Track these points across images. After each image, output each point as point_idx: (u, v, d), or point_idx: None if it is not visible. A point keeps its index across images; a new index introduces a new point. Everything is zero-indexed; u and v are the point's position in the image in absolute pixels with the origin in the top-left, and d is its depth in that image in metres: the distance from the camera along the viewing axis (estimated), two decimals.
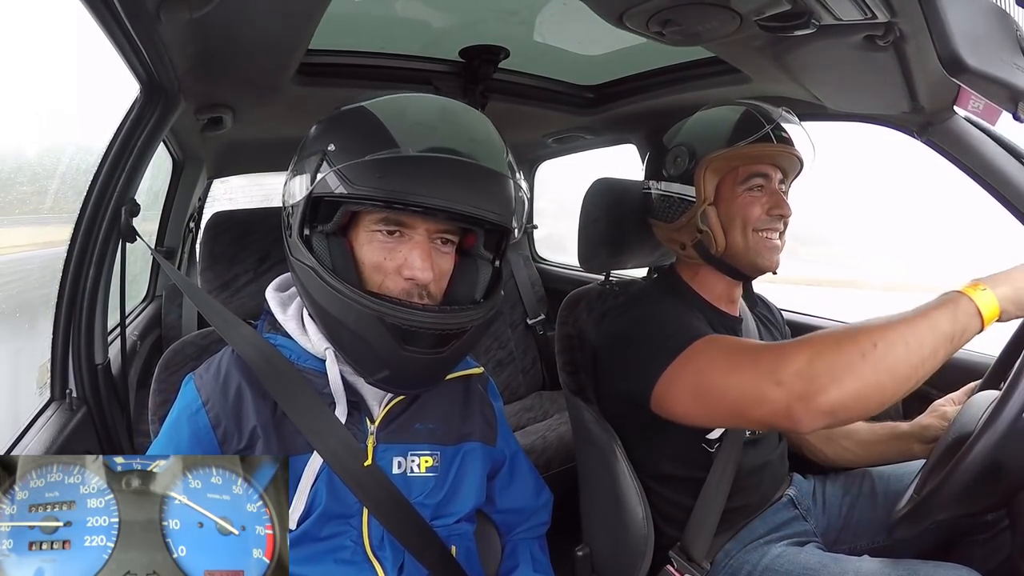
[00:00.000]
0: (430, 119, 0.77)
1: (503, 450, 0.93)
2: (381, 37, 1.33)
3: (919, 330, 0.72)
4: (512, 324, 2.33)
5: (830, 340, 0.75)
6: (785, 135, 1.06)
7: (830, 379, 0.72)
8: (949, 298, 0.74)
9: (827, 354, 0.73)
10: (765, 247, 1.06)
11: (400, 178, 0.69)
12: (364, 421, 0.79)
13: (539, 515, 0.97)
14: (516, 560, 0.93)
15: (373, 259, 0.74)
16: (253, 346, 0.79)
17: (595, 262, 1.27)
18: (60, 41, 1.12)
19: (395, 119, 0.74)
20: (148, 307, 2.08)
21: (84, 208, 1.12)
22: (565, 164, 2.68)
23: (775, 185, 1.07)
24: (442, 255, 0.76)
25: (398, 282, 0.73)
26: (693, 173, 1.07)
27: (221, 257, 0.97)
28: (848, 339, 0.73)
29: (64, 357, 1.16)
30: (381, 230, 0.73)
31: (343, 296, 0.71)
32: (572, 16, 1.15)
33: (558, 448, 1.82)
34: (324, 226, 0.74)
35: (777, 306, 1.30)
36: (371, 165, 0.69)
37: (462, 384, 0.90)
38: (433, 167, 0.70)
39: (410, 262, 0.72)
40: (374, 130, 0.72)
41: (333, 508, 0.75)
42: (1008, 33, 0.64)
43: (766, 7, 0.78)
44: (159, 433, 0.79)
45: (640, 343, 0.97)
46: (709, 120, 1.13)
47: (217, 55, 1.04)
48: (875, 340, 0.72)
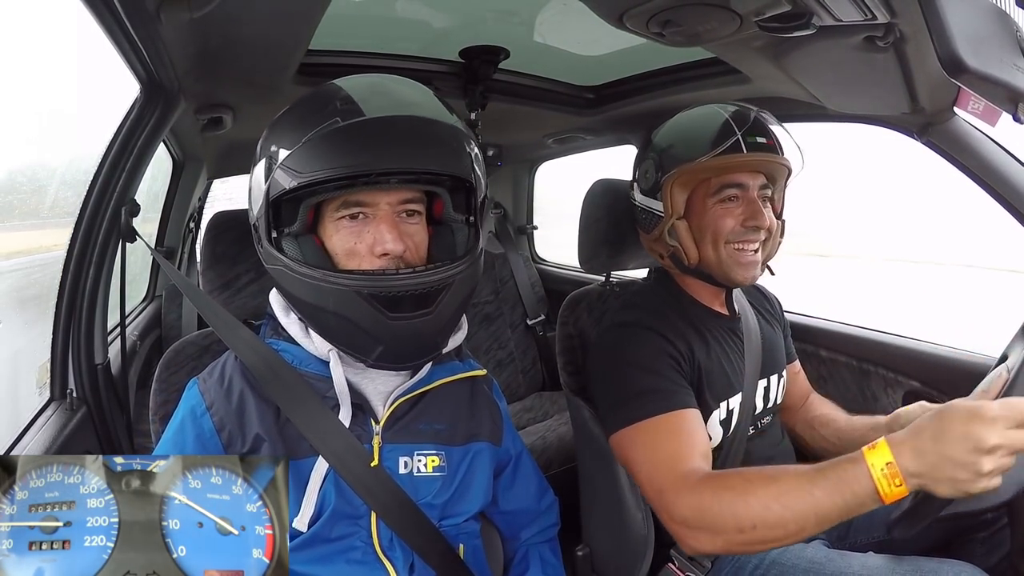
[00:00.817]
0: (361, 92, 0.75)
1: (508, 449, 0.93)
2: (381, 37, 1.33)
3: (822, 508, 0.72)
4: (512, 325, 2.33)
5: (734, 494, 0.78)
6: (761, 141, 1.02)
7: (712, 531, 0.79)
8: (858, 488, 0.70)
9: (724, 507, 0.78)
10: (738, 261, 1.04)
11: (344, 151, 0.69)
12: (369, 422, 0.79)
13: (545, 518, 0.97)
14: (527, 564, 0.92)
15: (344, 246, 0.74)
16: (253, 350, 0.79)
17: (595, 263, 1.27)
18: (60, 41, 1.12)
19: (326, 97, 0.74)
20: (148, 307, 2.08)
21: (84, 208, 1.12)
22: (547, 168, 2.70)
23: (752, 194, 1.03)
24: (411, 226, 0.76)
25: (373, 262, 0.74)
26: (661, 187, 1.06)
27: (223, 257, 0.97)
28: (749, 505, 0.76)
29: (64, 357, 1.16)
30: (344, 216, 0.74)
31: (318, 281, 0.71)
32: (572, 17, 1.15)
33: (558, 448, 1.82)
34: (290, 228, 0.74)
35: (776, 296, 1.30)
36: (312, 146, 0.69)
37: (467, 386, 0.90)
38: (374, 129, 0.70)
39: (379, 238, 0.73)
40: (307, 114, 0.73)
41: (342, 509, 0.75)
42: (1008, 34, 0.64)
43: (766, 8, 0.78)
44: (161, 438, 0.79)
45: (614, 387, 0.99)
46: (678, 130, 1.10)
47: (217, 55, 1.04)
48: (773, 511, 0.74)
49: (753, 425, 1.11)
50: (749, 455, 1.09)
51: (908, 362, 1.40)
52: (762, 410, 1.13)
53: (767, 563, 0.99)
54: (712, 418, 1.04)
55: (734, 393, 1.07)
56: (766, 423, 1.15)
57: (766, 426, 1.15)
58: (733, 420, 1.06)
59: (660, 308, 1.07)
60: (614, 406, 0.98)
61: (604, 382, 1.03)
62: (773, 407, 1.16)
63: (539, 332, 2.35)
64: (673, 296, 1.12)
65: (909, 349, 1.41)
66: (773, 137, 1.04)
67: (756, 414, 1.11)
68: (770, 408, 1.15)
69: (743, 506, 0.76)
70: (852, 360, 1.49)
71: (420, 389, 0.82)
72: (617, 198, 1.24)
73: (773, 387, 1.16)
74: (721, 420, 1.05)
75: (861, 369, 1.47)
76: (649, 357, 0.98)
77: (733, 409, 1.06)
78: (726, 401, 1.06)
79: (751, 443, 1.10)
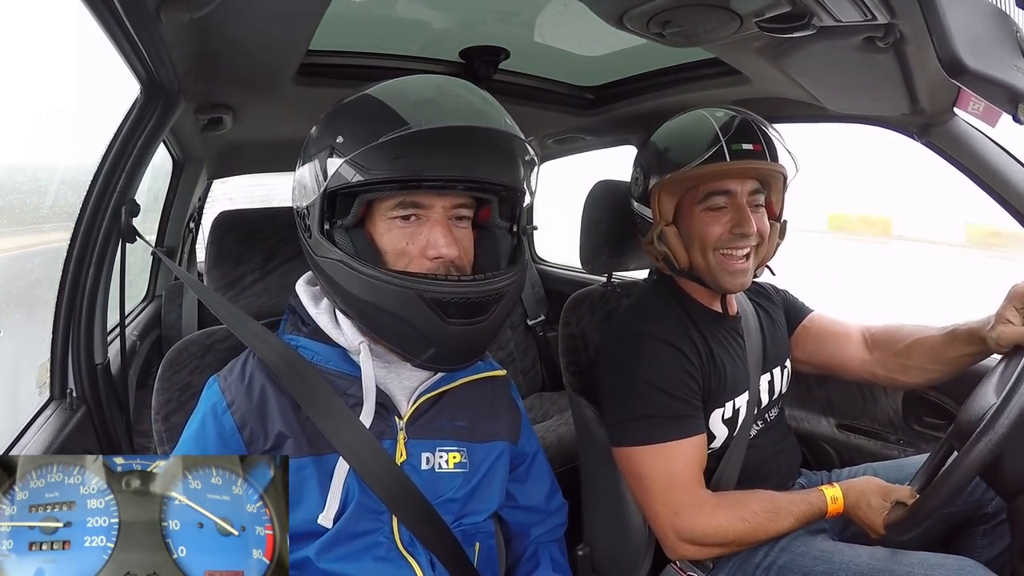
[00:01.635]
0: (431, 94, 0.76)
1: (524, 448, 0.94)
2: (381, 38, 1.33)
3: (789, 526, 0.95)
4: (512, 325, 2.32)
5: (735, 517, 0.95)
6: (747, 147, 1.00)
7: (719, 547, 0.97)
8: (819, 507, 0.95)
9: (731, 527, 0.95)
10: (727, 269, 1.03)
11: (416, 155, 0.70)
12: (392, 418, 0.79)
13: (554, 517, 0.97)
14: (536, 561, 0.93)
15: (396, 246, 0.74)
16: (267, 344, 0.79)
17: (597, 263, 1.27)
18: (60, 41, 1.12)
19: (398, 99, 0.74)
20: (148, 307, 2.07)
21: (84, 208, 1.12)
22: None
23: (741, 200, 1.02)
24: (461, 231, 0.77)
25: (424, 264, 0.74)
26: (649, 195, 1.07)
27: (227, 257, 0.96)
28: (747, 522, 0.95)
29: (64, 357, 1.15)
30: (398, 216, 0.74)
31: (379, 281, 0.71)
32: (572, 17, 1.15)
33: (558, 449, 1.81)
34: (343, 220, 0.74)
35: (773, 286, 1.28)
36: (385, 147, 0.69)
37: (488, 385, 0.90)
38: (446, 138, 0.71)
39: (433, 241, 0.73)
40: (380, 113, 0.73)
41: (365, 503, 0.75)
42: (1008, 35, 0.64)
43: (766, 8, 0.78)
44: (182, 437, 0.78)
45: (632, 403, 1.00)
46: (665, 136, 1.10)
47: (217, 55, 1.04)
48: (760, 532, 0.95)
49: (761, 419, 1.12)
50: (759, 449, 1.10)
51: None
52: (768, 403, 1.13)
53: (777, 550, 1.00)
54: (715, 417, 1.04)
55: (739, 392, 1.07)
56: (773, 416, 1.15)
57: (772, 420, 1.15)
58: (739, 418, 1.07)
59: (668, 314, 1.08)
60: (629, 421, 1.00)
61: (619, 395, 1.03)
62: (778, 399, 1.17)
63: (539, 332, 2.35)
64: (674, 297, 1.12)
65: None
66: (761, 142, 1.01)
67: (763, 407, 1.12)
68: (775, 400, 1.16)
69: (740, 525, 0.94)
70: None
71: (444, 387, 0.83)
72: (618, 199, 1.24)
73: (777, 379, 1.16)
74: (726, 419, 1.05)
75: None
76: (667, 376, 0.99)
77: (739, 408, 1.07)
78: (731, 400, 1.06)
79: (760, 437, 1.11)
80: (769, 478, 1.10)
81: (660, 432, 0.97)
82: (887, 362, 1.12)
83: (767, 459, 1.11)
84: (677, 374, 0.99)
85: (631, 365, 1.02)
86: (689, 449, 0.98)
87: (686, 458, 0.97)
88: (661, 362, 1.00)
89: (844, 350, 1.17)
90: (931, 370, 1.06)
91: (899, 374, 1.10)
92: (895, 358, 1.10)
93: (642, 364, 1.01)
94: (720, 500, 0.97)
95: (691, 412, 0.99)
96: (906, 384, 1.14)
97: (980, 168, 1.20)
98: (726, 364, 1.07)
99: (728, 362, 1.07)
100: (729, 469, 1.05)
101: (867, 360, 1.15)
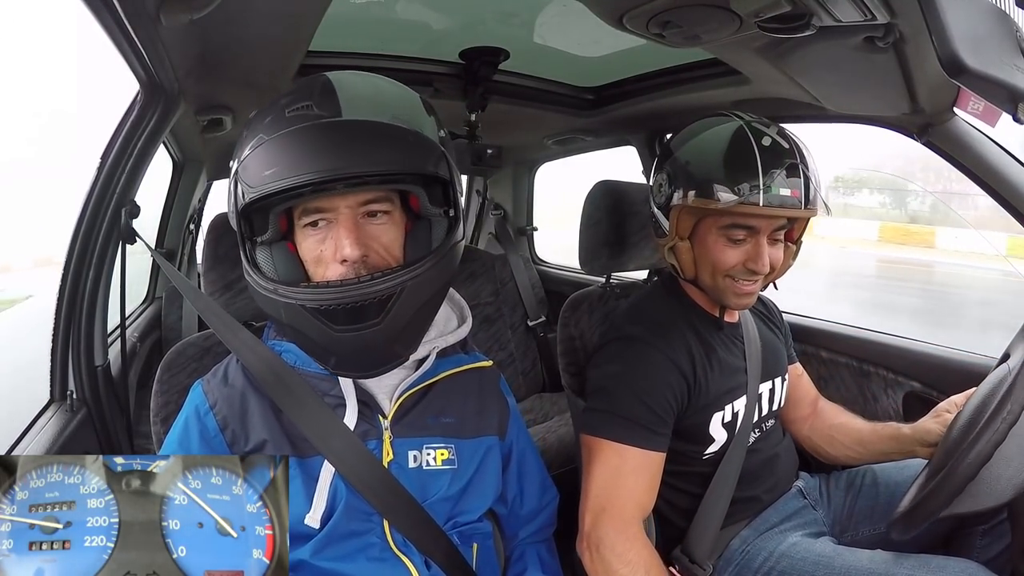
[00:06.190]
0: (306, 99, 0.71)
1: (511, 442, 0.93)
2: (381, 38, 1.33)
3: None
4: (512, 326, 2.32)
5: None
6: (785, 193, 0.94)
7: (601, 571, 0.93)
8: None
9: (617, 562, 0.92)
10: (733, 292, 1.03)
11: (283, 164, 0.67)
12: (377, 418, 0.79)
13: (544, 515, 0.97)
14: (525, 563, 0.92)
15: (312, 253, 0.74)
16: (253, 352, 0.79)
17: (596, 264, 1.27)
18: (61, 42, 1.12)
19: (267, 110, 0.73)
20: (148, 309, 2.07)
21: (84, 209, 1.12)
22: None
23: (762, 238, 0.99)
24: (376, 227, 0.74)
25: (336, 268, 0.72)
26: (669, 207, 1.04)
27: (224, 258, 0.96)
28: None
29: (64, 358, 1.15)
30: (308, 223, 0.73)
31: (269, 293, 0.71)
32: (572, 18, 1.16)
33: (558, 450, 1.81)
34: (262, 236, 0.74)
35: (773, 302, 1.30)
36: (257, 159, 0.69)
37: (475, 378, 0.89)
38: (298, 139, 0.68)
39: (339, 244, 0.72)
40: (254, 123, 0.73)
41: (355, 504, 0.75)
42: (1008, 34, 0.64)
43: (766, 9, 0.78)
44: (166, 439, 0.79)
45: (608, 397, 1.01)
46: (699, 152, 1.03)
47: (217, 56, 1.04)
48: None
49: (759, 427, 1.12)
50: (757, 454, 1.10)
51: (908, 363, 1.40)
52: (767, 413, 1.14)
53: (777, 555, 0.99)
54: (715, 420, 1.04)
55: (737, 396, 1.07)
56: (770, 426, 1.15)
57: (770, 428, 1.15)
58: (738, 422, 1.06)
59: (665, 320, 1.07)
60: (600, 412, 1.00)
61: (599, 386, 1.04)
62: (777, 410, 1.17)
63: (539, 333, 2.35)
64: (676, 299, 1.12)
65: (909, 350, 1.41)
66: (800, 188, 0.95)
67: (762, 416, 1.12)
68: (774, 411, 1.16)
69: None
70: (852, 361, 1.49)
71: (426, 382, 0.82)
72: (618, 200, 1.24)
73: (777, 390, 1.16)
74: (725, 422, 1.05)
75: (861, 370, 1.47)
76: (651, 387, 0.99)
77: (738, 412, 1.07)
78: (730, 404, 1.06)
79: (758, 444, 1.11)
80: (766, 482, 1.11)
81: (626, 434, 0.97)
82: (821, 431, 1.25)
83: (764, 464, 1.11)
84: (660, 387, 0.99)
85: (619, 365, 1.02)
86: (643, 460, 0.97)
87: (636, 467, 0.97)
88: (647, 371, 1.00)
89: (798, 407, 1.28)
90: (853, 450, 1.20)
91: (826, 444, 1.24)
92: (828, 430, 1.24)
93: (629, 367, 1.01)
94: (639, 551, 0.92)
95: (661, 429, 0.99)
96: (828, 455, 1.24)
97: (980, 168, 1.20)
98: (725, 366, 1.07)
99: (727, 364, 1.07)
100: (727, 473, 1.05)
101: (807, 422, 1.28)
